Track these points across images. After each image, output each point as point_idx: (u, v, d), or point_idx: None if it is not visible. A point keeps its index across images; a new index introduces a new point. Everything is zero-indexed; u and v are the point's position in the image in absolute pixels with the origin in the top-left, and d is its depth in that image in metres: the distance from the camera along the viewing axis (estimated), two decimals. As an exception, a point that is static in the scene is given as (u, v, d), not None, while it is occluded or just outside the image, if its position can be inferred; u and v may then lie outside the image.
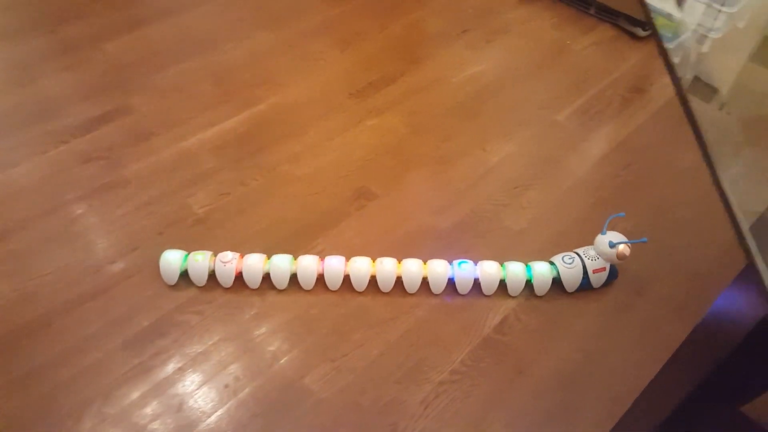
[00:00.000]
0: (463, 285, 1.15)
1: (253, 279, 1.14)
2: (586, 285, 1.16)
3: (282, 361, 1.06)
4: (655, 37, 0.76)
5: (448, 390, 1.04)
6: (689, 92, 0.73)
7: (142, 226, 1.26)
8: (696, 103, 0.72)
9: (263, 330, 1.11)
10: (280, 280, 1.14)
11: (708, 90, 0.85)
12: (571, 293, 1.17)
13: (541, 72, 1.72)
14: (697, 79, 0.85)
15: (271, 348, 1.08)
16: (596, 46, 1.80)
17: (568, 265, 1.15)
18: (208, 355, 1.07)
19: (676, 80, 0.76)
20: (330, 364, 1.06)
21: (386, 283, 1.15)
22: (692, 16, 1.53)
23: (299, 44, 1.77)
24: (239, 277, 1.15)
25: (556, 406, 1.04)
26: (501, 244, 1.27)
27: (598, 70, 1.72)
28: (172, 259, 1.14)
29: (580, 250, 1.17)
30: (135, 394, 1.01)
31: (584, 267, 1.14)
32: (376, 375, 1.05)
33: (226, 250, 1.15)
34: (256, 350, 1.08)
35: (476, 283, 1.16)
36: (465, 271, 1.14)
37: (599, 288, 1.18)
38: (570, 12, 1.94)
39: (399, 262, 1.15)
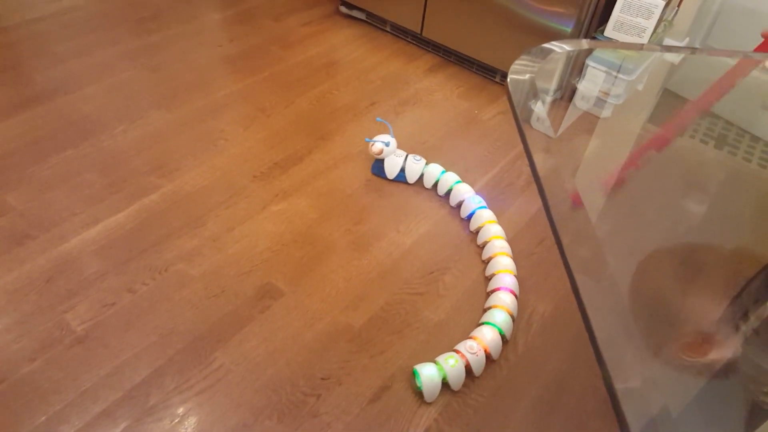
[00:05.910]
0: (379, 396, 1.05)
1: None
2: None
3: None
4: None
5: None
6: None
7: (11, 353, 1.09)
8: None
9: None
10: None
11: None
12: (494, 391, 1.09)
13: (452, 144, 1.68)
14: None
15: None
16: (503, 115, 1.79)
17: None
18: None
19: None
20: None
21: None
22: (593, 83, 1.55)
23: (198, 123, 1.67)
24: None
25: None
26: (420, 339, 1.18)
27: (506, 140, 1.70)
28: (433, 375, 1.07)
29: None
30: None
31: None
32: None
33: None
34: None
35: (393, 391, 1.06)
36: (380, 378, 1.05)
37: (523, 387, 1.11)
38: (476, 80, 1.94)
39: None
